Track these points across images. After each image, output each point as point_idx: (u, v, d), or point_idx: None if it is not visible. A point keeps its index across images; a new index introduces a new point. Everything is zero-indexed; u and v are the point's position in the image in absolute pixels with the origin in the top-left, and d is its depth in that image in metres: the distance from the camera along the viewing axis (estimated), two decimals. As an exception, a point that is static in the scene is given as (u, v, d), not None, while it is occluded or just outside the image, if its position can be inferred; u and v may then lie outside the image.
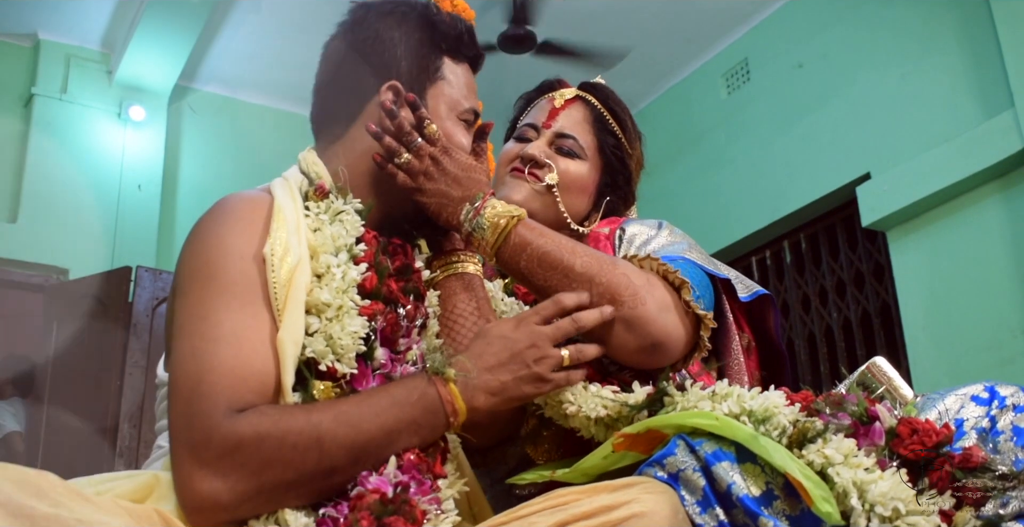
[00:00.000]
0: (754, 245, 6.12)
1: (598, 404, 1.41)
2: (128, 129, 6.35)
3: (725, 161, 6.35)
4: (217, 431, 1.17)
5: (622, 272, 1.47)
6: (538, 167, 1.79)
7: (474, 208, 1.49)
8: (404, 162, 1.50)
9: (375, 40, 1.55)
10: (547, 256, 1.47)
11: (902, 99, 5.21)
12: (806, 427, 1.24)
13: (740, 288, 1.66)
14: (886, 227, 5.16)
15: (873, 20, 5.46)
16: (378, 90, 1.52)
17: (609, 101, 1.90)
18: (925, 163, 4.92)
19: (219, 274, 1.28)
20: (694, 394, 1.33)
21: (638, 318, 1.44)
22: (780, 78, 6.05)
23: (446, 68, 1.58)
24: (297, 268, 1.30)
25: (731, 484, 1.18)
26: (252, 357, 1.24)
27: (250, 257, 1.30)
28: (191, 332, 1.25)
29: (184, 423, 1.19)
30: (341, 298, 1.31)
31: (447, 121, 1.56)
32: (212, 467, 1.16)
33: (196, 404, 1.19)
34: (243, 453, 1.17)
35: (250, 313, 1.26)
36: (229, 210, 1.36)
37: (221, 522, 1.17)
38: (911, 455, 1.22)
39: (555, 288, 1.46)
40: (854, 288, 5.48)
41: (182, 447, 1.18)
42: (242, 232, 1.33)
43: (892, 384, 1.43)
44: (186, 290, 1.29)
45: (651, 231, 1.75)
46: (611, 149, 1.86)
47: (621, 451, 1.32)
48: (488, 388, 1.33)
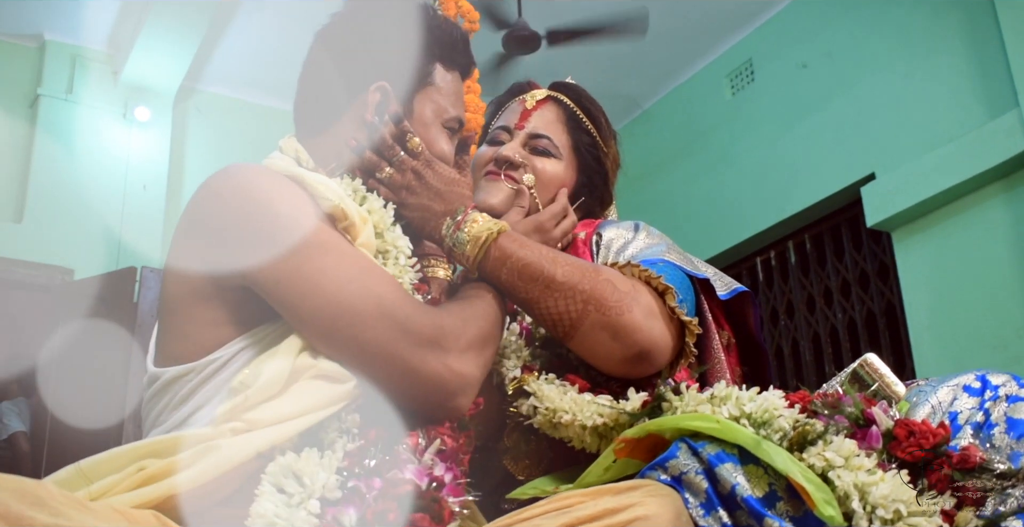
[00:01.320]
0: (759, 245, 6.12)
1: (594, 412, 1.40)
2: (133, 129, 6.35)
3: (729, 161, 6.34)
4: (442, 320, 1.30)
5: (606, 278, 1.46)
6: (513, 168, 1.77)
7: (455, 222, 1.48)
8: (386, 177, 1.49)
9: (369, 37, 1.55)
10: (528, 268, 1.45)
11: (906, 99, 5.20)
12: (806, 430, 1.23)
13: (719, 286, 1.64)
14: (891, 227, 5.15)
15: (877, 20, 5.46)
16: (366, 88, 1.51)
17: (582, 100, 1.87)
18: (930, 163, 4.91)
19: (318, 233, 1.31)
20: (692, 398, 1.32)
21: (624, 326, 1.43)
22: (784, 78, 6.05)
23: (437, 74, 1.57)
24: (367, 234, 1.38)
25: (735, 485, 1.18)
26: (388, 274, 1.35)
27: (325, 219, 1.34)
28: (326, 272, 1.28)
29: (402, 329, 1.26)
30: (402, 277, 1.39)
31: (432, 127, 1.56)
32: (457, 350, 1.29)
33: (402, 310, 1.28)
34: (470, 332, 1.32)
35: (360, 253, 1.35)
36: (270, 175, 1.36)
37: (472, 398, 1.31)
38: (909, 457, 1.22)
39: (537, 300, 1.46)
40: (859, 288, 5.48)
41: (420, 348, 1.26)
42: (300, 194, 1.35)
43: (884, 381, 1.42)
44: (280, 250, 1.29)
45: (628, 234, 1.73)
46: (586, 148, 1.84)
47: (623, 459, 1.31)
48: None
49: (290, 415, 1.23)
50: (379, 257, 1.40)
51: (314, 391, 1.26)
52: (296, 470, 1.16)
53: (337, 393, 1.26)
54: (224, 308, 1.33)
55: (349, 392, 1.27)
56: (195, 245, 1.34)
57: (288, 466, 1.17)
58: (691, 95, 6.83)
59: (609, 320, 1.43)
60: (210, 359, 1.31)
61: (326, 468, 1.17)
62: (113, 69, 6.40)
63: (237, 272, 1.30)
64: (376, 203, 1.44)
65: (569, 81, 1.93)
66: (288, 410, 1.23)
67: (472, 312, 1.37)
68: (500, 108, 1.93)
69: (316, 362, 1.27)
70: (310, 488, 1.15)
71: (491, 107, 1.96)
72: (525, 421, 1.48)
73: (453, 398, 1.29)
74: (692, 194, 6.57)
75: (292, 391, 1.25)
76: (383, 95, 1.51)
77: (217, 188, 1.35)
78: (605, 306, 1.44)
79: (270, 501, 1.13)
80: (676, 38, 6.45)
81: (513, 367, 1.53)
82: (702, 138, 6.62)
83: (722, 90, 6.55)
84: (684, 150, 6.73)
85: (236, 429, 1.21)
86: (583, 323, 1.45)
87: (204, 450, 1.18)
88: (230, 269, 1.31)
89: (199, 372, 1.31)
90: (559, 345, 1.57)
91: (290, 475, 1.16)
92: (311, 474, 1.16)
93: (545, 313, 1.47)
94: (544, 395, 1.45)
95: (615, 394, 1.44)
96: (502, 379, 1.52)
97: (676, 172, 6.71)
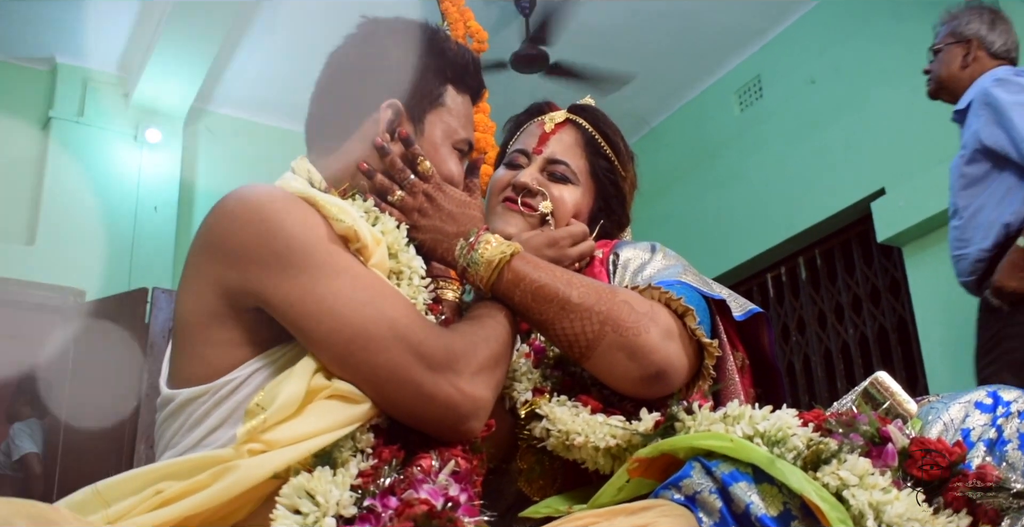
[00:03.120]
0: (769, 262, 6.11)
1: (607, 433, 1.39)
2: (144, 151, 6.39)
3: (739, 178, 6.34)
4: (453, 343, 1.30)
5: (623, 300, 1.46)
6: (531, 195, 1.77)
7: (468, 244, 1.48)
8: (397, 200, 1.49)
9: (381, 57, 1.56)
10: (542, 289, 1.45)
11: (916, 113, 5.19)
12: (820, 448, 1.23)
13: (734, 307, 1.63)
14: (902, 242, 5.14)
15: (885, 35, 5.47)
16: (378, 107, 1.52)
17: (600, 123, 1.86)
18: (940, 177, 4.88)
19: (331, 255, 1.32)
20: (705, 417, 1.32)
21: (641, 346, 1.43)
22: (793, 94, 6.05)
23: (447, 95, 1.58)
24: (380, 254, 1.38)
25: (749, 504, 1.17)
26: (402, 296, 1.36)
27: (338, 241, 1.34)
28: (339, 294, 1.28)
29: (415, 353, 1.27)
30: (416, 298, 1.40)
31: (442, 148, 1.56)
32: (470, 373, 1.30)
33: (415, 333, 1.28)
34: (481, 355, 1.32)
35: (374, 275, 1.35)
36: (284, 196, 1.36)
37: (484, 420, 1.32)
38: (925, 476, 1.21)
39: (553, 321, 1.45)
40: (870, 304, 5.46)
41: (432, 371, 1.27)
42: (313, 215, 1.35)
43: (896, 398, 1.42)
44: (295, 272, 1.29)
45: (645, 255, 1.73)
46: (604, 172, 1.83)
47: (636, 478, 1.31)
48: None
49: (306, 435, 1.23)
50: (393, 277, 1.41)
51: (330, 411, 1.26)
52: (309, 489, 1.16)
53: (353, 413, 1.26)
54: (238, 329, 1.33)
55: (365, 413, 1.27)
56: (208, 266, 1.34)
57: (301, 486, 1.17)
58: (699, 112, 6.83)
59: (626, 340, 1.43)
60: (225, 380, 1.31)
61: (339, 485, 1.18)
62: (124, 91, 6.44)
63: (250, 293, 1.31)
64: (390, 223, 1.45)
65: (588, 103, 1.92)
66: (304, 430, 1.23)
67: (484, 334, 1.37)
68: (518, 128, 1.92)
69: (331, 383, 1.28)
70: (324, 506, 1.15)
71: (509, 126, 1.95)
72: (539, 444, 1.48)
73: (465, 421, 1.29)
74: (701, 211, 6.56)
75: (308, 411, 1.25)
76: (394, 113, 1.52)
77: (230, 209, 1.35)
78: (622, 327, 1.43)
79: (285, 523, 1.13)
80: (684, 55, 6.46)
81: (524, 390, 1.52)
82: (711, 155, 6.63)
83: (730, 106, 6.55)
84: (693, 167, 6.73)
85: (254, 450, 1.21)
86: (600, 344, 1.44)
87: (221, 471, 1.19)
88: (243, 290, 1.31)
89: (213, 393, 1.31)
90: (572, 363, 1.57)
91: (304, 495, 1.16)
92: (324, 492, 1.16)
93: (561, 334, 1.46)
94: (556, 417, 1.45)
95: (628, 414, 1.44)
96: (514, 402, 1.52)
97: (685, 189, 6.71)
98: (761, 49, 6.36)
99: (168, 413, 1.36)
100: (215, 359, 1.33)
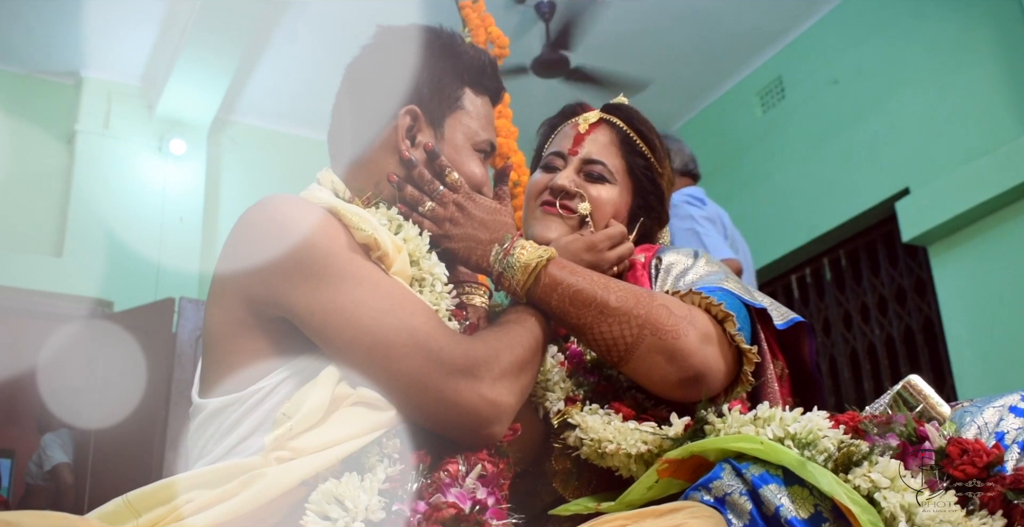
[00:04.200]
0: (793, 263, 6.09)
1: (638, 440, 1.39)
2: (169, 162, 6.43)
3: (762, 180, 6.33)
4: (475, 349, 1.31)
5: (661, 304, 1.46)
6: (569, 198, 1.76)
7: (503, 249, 1.49)
8: (428, 210, 1.51)
9: (396, 64, 1.57)
10: (579, 294, 1.46)
11: (939, 113, 5.17)
12: (851, 450, 1.22)
13: (775, 315, 1.62)
14: (927, 242, 5.11)
15: (907, 34, 5.44)
16: (396, 114, 1.53)
17: (634, 121, 1.85)
18: (964, 177, 4.88)
19: (353, 264, 1.33)
20: (735, 419, 1.31)
21: (680, 350, 1.43)
22: (815, 95, 6.03)
23: (466, 98, 1.59)
24: (401, 262, 1.40)
25: (779, 507, 1.17)
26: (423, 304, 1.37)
27: (360, 250, 1.36)
28: (361, 303, 1.30)
29: (436, 360, 1.28)
30: (439, 304, 1.41)
31: (463, 151, 1.57)
32: (491, 379, 1.30)
33: (435, 340, 1.29)
34: (504, 360, 1.33)
35: (395, 283, 1.37)
36: (305, 207, 1.38)
37: (506, 426, 1.32)
38: (962, 475, 1.21)
39: (591, 325, 1.45)
40: (896, 304, 5.43)
41: (453, 377, 1.27)
42: (335, 225, 1.36)
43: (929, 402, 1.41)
44: (316, 282, 1.31)
45: (688, 260, 1.72)
46: (641, 170, 1.82)
47: (666, 478, 1.31)
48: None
49: (333, 442, 1.24)
50: (415, 285, 1.42)
51: (355, 418, 1.27)
52: (338, 495, 1.18)
53: (379, 420, 1.28)
54: (265, 339, 1.34)
55: (390, 419, 1.28)
56: (234, 276, 1.36)
57: (330, 492, 1.18)
58: (722, 114, 6.82)
59: (665, 344, 1.43)
60: (254, 389, 1.33)
61: (367, 490, 1.19)
62: (148, 103, 6.48)
63: (274, 303, 1.32)
64: (412, 231, 1.46)
65: (620, 102, 1.91)
66: (331, 437, 1.24)
67: (508, 340, 1.38)
68: (552, 131, 1.91)
69: (355, 390, 1.29)
70: (353, 511, 1.16)
71: (543, 129, 1.94)
72: (572, 453, 1.48)
73: (487, 426, 1.29)
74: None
75: (333, 419, 1.27)
76: (412, 119, 1.54)
77: (254, 220, 1.37)
78: (661, 330, 1.43)
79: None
80: (705, 57, 6.45)
81: (556, 400, 1.52)
82: (734, 157, 6.61)
83: (753, 108, 6.54)
84: (716, 169, 6.71)
85: (281, 457, 1.22)
86: (639, 347, 1.44)
87: (250, 479, 1.20)
88: (267, 300, 1.32)
89: (243, 402, 1.33)
90: (609, 367, 1.57)
91: (332, 501, 1.17)
92: (353, 497, 1.17)
93: (599, 338, 1.47)
94: (588, 426, 1.45)
95: (662, 420, 1.43)
96: (547, 412, 1.52)
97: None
98: (783, 50, 6.34)
99: (200, 422, 1.38)
100: (244, 368, 1.34)
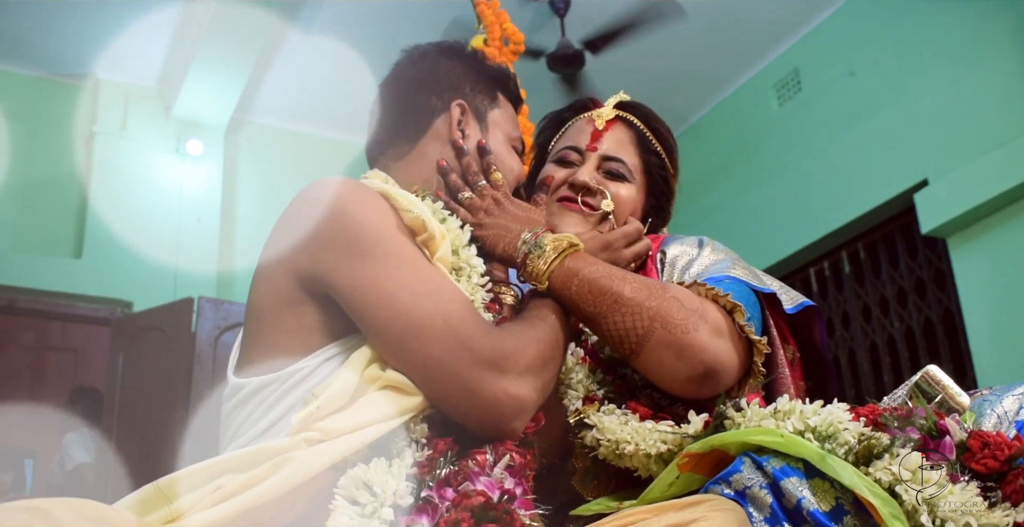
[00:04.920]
0: (812, 256, 6.07)
1: (657, 440, 1.39)
2: (186, 163, 6.46)
3: (779, 173, 6.31)
4: (504, 342, 1.32)
5: (672, 296, 1.46)
6: (590, 194, 1.74)
7: (532, 233, 1.51)
8: (466, 198, 1.55)
9: (439, 67, 1.65)
10: (596, 282, 1.46)
11: (957, 104, 5.15)
12: (872, 443, 1.22)
13: (785, 300, 1.61)
14: (946, 234, 5.09)
15: (924, 25, 5.42)
16: (446, 108, 1.60)
17: (650, 120, 1.84)
18: (983, 168, 4.85)
19: (398, 246, 1.36)
20: (755, 413, 1.31)
21: (690, 344, 1.42)
22: (832, 87, 6.01)
23: (500, 99, 1.68)
24: (445, 249, 1.43)
25: (801, 499, 1.17)
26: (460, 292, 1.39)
27: (407, 233, 1.40)
28: (401, 285, 1.32)
29: (465, 348, 1.29)
30: (475, 294, 1.43)
31: (504, 145, 1.65)
32: (515, 373, 1.31)
33: (467, 329, 1.30)
34: (530, 356, 1.34)
35: (435, 269, 1.39)
36: (360, 186, 1.42)
37: (527, 421, 1.33)
38: (983, 469, 1.20)
39: (604, 314, 1.46)
40: (915, 297, 5.41)
41: (479, 368, 1.28)
42: (385, 207, 1.40)
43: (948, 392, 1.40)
44: (362, 260, 1.34)
45: (692, 251, 1.71)
46: (656, 169, 1.81)
47: (686, 473, 1.31)
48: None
49: (361, 424, 1.26)
50: (454, 274, 1.45)
51: (384, 402, 1.29)
52: (367, 480, 1.19)
53: (407, 404, 1.29)
54: (310, 316, 1.37)
55: (418, 404, 1.30)
56: (284, 250, 1.39)
57: (358, 477, 1.19)
58: (738, 107, 6.80)
59: (675, 338, 1.42)
60: (294, 369, 1.34)
61: (395, 476, 1.20)
62: (165, 105, 6.51)
63: (319, 279, 1.35)
64: (454, 223, 1.50)
65: (634, 100, 1.89)
66: (359, 420, 1.26)
67: (534, 334, 1.39)
68: (561, 125, 1.89)
69: (384, 373, 1.31)
70: (381, 496, 1.17)
71: (549, 123, 1.93)
72: (590, 453, 1.48)
73: (509, 421, 1.30)
74: (742, 207, 6.53)
75: (361, 402, 1.29)
76: (462, 111, 1.61)
77: (309, 196, 1.41)
78: (671, 324, 1.43)
79: (344, 514, 1.16)
80: (721, 51, 6.44)
81: (575, 398, 1.52)
82: (750, 150, 6.59)
83: (769, 101, 6.52)
84: (732, 163, 6.70)
85: (310, 439, 1.24)
86: (649, 341, 1.44)
87: (280, 463, 1.21)
88: (313, 275, 1.35)
89: (283, 382, 1.34)
90: (624, 366, 1.57)
91: (361, 486, 1.19)
92: (381, 482, 1.18)
93: (612, 329, 1.46)
94: (605, 427, 1.44)
95: (679, 418, 1.43)
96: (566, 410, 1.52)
97: (725, 185, 6.68)
98: (798, 42, 6.31)
99: (237, 402, 1.39)
100: (286, 346, 1.36)
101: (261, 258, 1.44)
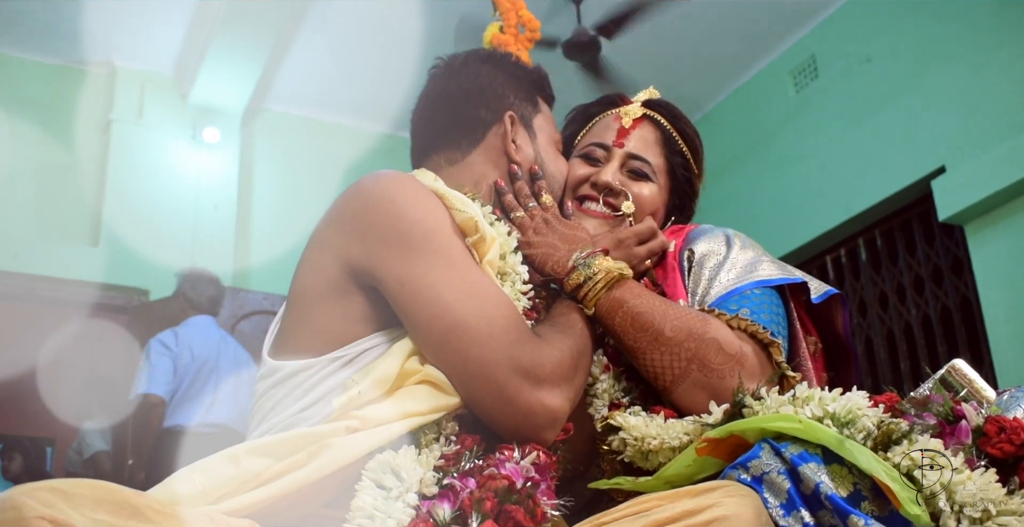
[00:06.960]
0: (828, 244, 6.05)
1: (680, 431, 1.40)
2: (203, 151, 6.48)
3: (796, 160, 6.28)
4: (542, 351, 1.34)
5: (712, 337, 1.47)
6: (613, 195, 1.74)
7: (584, 254, 1.54)
8: (518, 217, 1.59)
9: (482, 78, 1.67)
10: (640, 317, 1.49)
11: (974, 91, 5.11)
12: (891, 429, 1.22)
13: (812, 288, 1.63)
14: (963, 221, 5.06)
15: (942, 12, 5.38)
16: (496, 119, 1.64)
17: (677, 120, 1.83)
18: (1001, 154, 4.82)
19: (449, 244, 1.38)
20: (774, 400, 1.31)
21: (725, 390, 1.42)
22: (849, 74, 5.98)
23: (541, 104, 1.72)
24: (494, 252, 1.45)
25: (819, 484, 1.17)
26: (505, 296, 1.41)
27: (458, 233, 1.42)
28: (448, 283, 1.34)
29: (505, 354, 1.31)
30: (519, 300, 1.46)
31: (549, 147, 1.70)
32: (550, 382, 1.32)
33: (509, 334, 1.32)
34: (564, 365, 1.35)
35: (483, 272, 1.42)
36: (416, 183, 1.44)
37: (558, 431, 1.35)
38: (999, 454, 1.20)
39: (644, 350, 1.48)
40: (933, 284, 5.39)
41: (517, 375, 1.30)
42: (439, 205, 1.43)
43: (974, 386, 1.40)
44: (413, 255, 1.35)
45: (721, 249, 1.69)
46: (680, 170, 1.81)
47: (704, 456, 1.31)
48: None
49: (398, 416, 1.28)
50: (499, 279, 1.47)
51: (421, 396, 1.31)
52: (394, 466, 1.21)
53: (443, 402, 1.32)
54: (355, 305, 1.38)
55: (454, 404, 1.32)
56: (335, 238, 1.41)
57: (387, 462, 1.22)
58: (754, 94, 6.78)
59: (710, 382, 1.45)
60: (334, 355, 1.36)
61: (423, 464, 1.23)
62: (181, 92, 6.53)
63: (368, 270, 1.37)
64: (502, 229, 1.53)
65: (662, 98, 1.88)
66: (397, 411, 1.28)
67: (569, 343, 1.41)
68: (588, 120, 1.88)
69: (423, 367, 1.33)
70: (407, 482, 1.20)
71: (576, 116, 1.92)
72: (618, 458, 1.49)
73: (541, 431, 1.32)
74: (759, 194, 6.51)
75: (400, 394, 1.31)
76: (513, 123, 1.64)
77: (365, 188, 1.43)
78: (708, 368, 1.45)
79: (369, 495, 1.18)
80: (737, 37, 6.41)
81: (602, 406, 1.53)
82: (767, 137, 6.57)
83: (786, 88, 6.49)
84: (749, 150, 6.68)
85: (351, 428, 1.26)
86: (684, 380, 1.47)
87: (317, 450, 1.24)
88: (363, 266, 1.37)
89: (322, 367, 1.36)
90: None
91: (388, 471, 1.21)
92: (408, 469, 1.21)
93: (649, 364, 1.49)
94: (630, 426, 1.46)
95: None
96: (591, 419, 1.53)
97: (742, 172, 6.66)
98: (815, 29, 6.28)
99: (271, 384, 1.40)
100: (328, 332, 1.38)
101: (310, 244, 1.45)
